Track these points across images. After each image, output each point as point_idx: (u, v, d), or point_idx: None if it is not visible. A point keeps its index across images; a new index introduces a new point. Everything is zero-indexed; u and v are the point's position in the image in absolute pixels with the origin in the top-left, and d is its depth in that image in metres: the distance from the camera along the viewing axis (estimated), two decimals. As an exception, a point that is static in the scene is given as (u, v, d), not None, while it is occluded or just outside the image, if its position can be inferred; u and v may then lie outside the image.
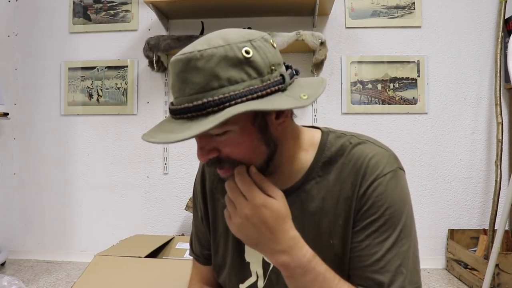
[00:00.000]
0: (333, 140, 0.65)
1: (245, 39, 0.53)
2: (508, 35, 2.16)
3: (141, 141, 2.38)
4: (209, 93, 0.51)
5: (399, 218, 0.58)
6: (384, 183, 0.59)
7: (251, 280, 0.69)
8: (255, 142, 0.56)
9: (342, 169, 0.62)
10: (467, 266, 1.99)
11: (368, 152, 0.62)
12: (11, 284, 1.61)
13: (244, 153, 0.56)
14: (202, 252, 0.79)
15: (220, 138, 0.55)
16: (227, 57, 0.51)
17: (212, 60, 0.51)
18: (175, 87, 0.54)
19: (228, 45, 0.51)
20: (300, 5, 2.14)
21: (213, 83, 0.51)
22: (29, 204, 2.44)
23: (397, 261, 0.57)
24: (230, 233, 0.71)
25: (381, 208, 0.58)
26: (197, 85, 0.51)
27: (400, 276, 0.57)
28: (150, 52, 2.16)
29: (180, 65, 0.52)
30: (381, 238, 0.57)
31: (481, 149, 2.26)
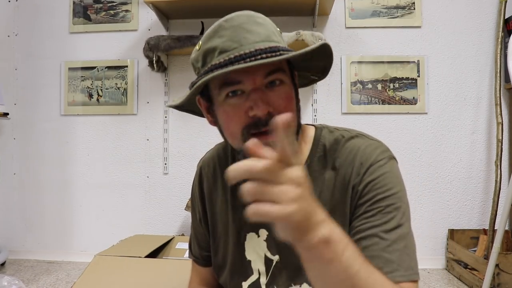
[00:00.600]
0: (327, 134, 0.67)
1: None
2: (508, 35, 2.16)
3: (141, 141, 2.39)
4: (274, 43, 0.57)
5: (400, 200, 0.58)
6: (381, 168, 0.60)
7: (253, 278, 0.69)
8: (295, 104, 0.61)
9: (336, 162, 0.63)
10: (467, 266, 1.99)
11: (361, 144, 0.63)
12: (11, 284, 1.61)
13: (293, 109, 0.59)
14: (201, 254, 0.80)
15: (275, 91, 0.57)
16: (273, 24, 0.62)
17: (267, 20, 0.61)
18: (234, 37, 0.56)
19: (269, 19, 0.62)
20: (300, 5, 2.14)
21: (274, 37, 0.59)
22: (29, 204, 2.44)
23: (403, 242, 0.56)
24: (229, 233, 0.72)
25: (381, 189, 0.58)
26: (262, 35, 0.57)
27: (406, 256, 0.56)
28: (150, 52, 2.16)
29: (243, 18, 0.58)
30: (384, 219, 0.56)
31: (481, 149, 2.26)
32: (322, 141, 0.66)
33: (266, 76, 0.57)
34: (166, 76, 2.37)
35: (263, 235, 0.68)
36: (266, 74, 0.56)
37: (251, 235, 0.69)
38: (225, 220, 0.72)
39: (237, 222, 0.70)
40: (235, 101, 0.57)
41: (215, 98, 0.60)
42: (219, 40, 0.57)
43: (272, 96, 0.57)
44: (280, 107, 0.57)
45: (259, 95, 0.56)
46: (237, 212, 0.71)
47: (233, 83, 0.57)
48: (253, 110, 0.55)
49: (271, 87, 0.57)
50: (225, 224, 0.73)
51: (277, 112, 0.56)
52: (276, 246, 0.67)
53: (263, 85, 0.57)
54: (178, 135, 2.37)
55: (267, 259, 0.68)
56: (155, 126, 2.38)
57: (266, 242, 0.68)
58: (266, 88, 0.57)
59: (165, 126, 2.37)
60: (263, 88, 0.57)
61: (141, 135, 2.39)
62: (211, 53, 0.58)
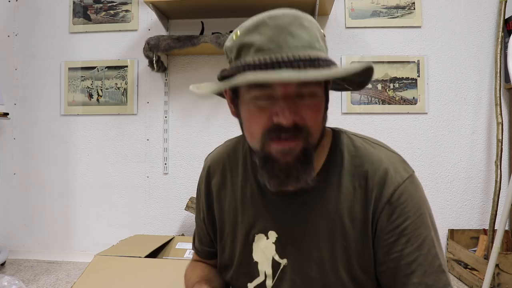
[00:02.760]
0: (345, 140, 0.65)
1: None
2: (508, 35, 2.16)
3: (141, 141, 2.39)
4: (315, 51, 0.54)
5: (428, 219, 0.60)
6: (407, 190, 0.60)
7: (259, 279, 0.68)
8: (323, 116, 0.60)
9: (355, 172, 0.62)
10: (467, 266, 1.99)
11: (382, 157, 0.62)
12: (11, 284, 1.61)
13: (318, 123, 0.58)
14: (202, 248, 0.82)
15: (305, 102, 0.55)
16: (319, 28, 0.58)
17: (313, 23, 0.57)
18: (274, 38, 0.53)
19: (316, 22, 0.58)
20: (300, 5, 2.12)
21: (317, 44, 0.55)
22: (29, 204, 2.44)
23: (437, 261, 0.58)
24: (237, 232, 0.71)
25: (410, 213, 0.59)
26: (305, 41, 0.53)
27: (443, 275, 0.58)
28: (150, 52, 2.16)
29: (289, 19, 0.54)
30: (418, 243, 0.58)
31: (481, 149, 2.26)
32: (340, 146, 0.64)
33: (299, 87, 0.54)
34: (166, 76, 2.37)
35: (272, 237, 0.67)
36: (300, 84, 0.54)
37: (259, 236, 0.68)
38: (233, 219, 0.71)
39: (246, 222, 0.69)
40: (262, 103, 0.56)
41: (242, 94, 0.58)
42: (258, 37, 0.54)
43: (301, 106, 0.55)
44: (307, 119, 0.56)
45: (288, 104, 0.54)
46: (246, 212, 0.69)
47: (263, 87, 0.55)
48: (279, 117, 0.54)
49: (301, 97, 0.55)
50: (233, 223, 0.71)
51: (302, 123, 0.55)
52: (285, 250, 0.65)
53: (294, 94, 0.55)
54: (178, 135, 2.37)
55: (274, 262, 0.66)
56: (155, 126, 2.38)
57: (275, 244, 0.66)
58: (297, 97, 0.55)
59: (165, 126, 2.37)
60: (293, 97, 0.55)
61: (141, 135, 2.39)
62: (247, 48, 0.55)
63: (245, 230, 0.69)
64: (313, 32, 0.55)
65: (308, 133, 0.56)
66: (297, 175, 0.56)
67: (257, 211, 0.68)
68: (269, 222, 0.67)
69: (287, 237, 0.65)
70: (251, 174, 0.70)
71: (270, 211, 0.67)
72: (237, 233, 0.70)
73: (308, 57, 0.52)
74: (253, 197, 0.68)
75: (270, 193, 0.66)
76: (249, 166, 0.70)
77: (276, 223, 0.66)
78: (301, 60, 0.51)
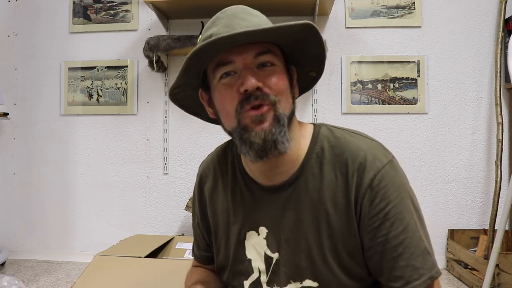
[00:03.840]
0: (325, 132, 0.67)
1: None
2: (508, 35, 2.16)
3: (141, 141, 2.39)
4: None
5: (410, 203, 0.61)
6: (387, 174, 0.61)
7: (254, 276, 0.70)
8: (288, 87, 0.62)
9: (335, 161, 0.63)
10: (467, 266, 1.99)
11: (361, 145, 0.63)
12: (11, 284, 1.61)
13: (283, 90, 0.60)
14: (200, 253, 0.83)
15: (266, 71, 0.60)
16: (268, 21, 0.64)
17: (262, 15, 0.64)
18: (227, 24, 0.59)
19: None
20: (300, 5, 2.14)
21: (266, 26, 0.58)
22: (29, 204, 2.44)
23: (422, 244, 0.59)
24: (230, 233, 0.72)
25: (391, 197, 0.60)
26: (255, 22, 0.60)
27: (429, 257, 0.59)
28: (150, 52, 2.16)
29: (238, 9, 0.62)
30: (403, 226, 0.59)
31: (481, 149, 2.26)
32: (321, 138, 0.66)
33: (256, 56, 0.59)
34: (166, 76, 2.37)
35: (263, 233, 0.69)
36: (256, 54, 0.59)
37: (251, 233, 0.70)
38: (226, 220, 0.73)
39: (238, 221, 0.71)
40: (228, 80, 0.60)
41: (211, 82, 0.63)
42: (215, 28, 0.61)
43: (263, 75, 0.59)
44: (270, 84, 0.59)
45: (249, 72, 0.58)
46: (237, 211, 0.71)
47: (225, 63, 0.60)
48: (243, 85, 0.57)
49: (262, 68, 0.60)
50: (226, 224, 0.73)
51: (267, 88, 0.59)
52: (276, 244, 0.67)
53: (254, 64, 0.59)
54: (178, 135, 2.37)
55: (267, 257, 0.68)
56: (155, 126, 2.38)
57: (266, 240, 0.68)
58: (258, 69, 0.60)
59: (165, 126, 2.37)
60: (254, 68, 0.59)
61: (141, 135, 2.39)
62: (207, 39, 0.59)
63: (237, 229, 0.71)
64: (263, 19, 0.63)
65: (275, 99, 0.59)
66: (273, 140, 0.58)
67: (247, 209, 0.70)
68: (258, 218, 0.69)
69: (276, 231, 0.67)
70: (239, 174, 0.72)
71: (259, 207, 0.69)
72: (230, 233, 0.72)
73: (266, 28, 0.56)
74: (243, 196, 0.71)
75: (257, 190, 0.69)
76: (237, 167, 0.73)
77: (266, 218, 0.68)
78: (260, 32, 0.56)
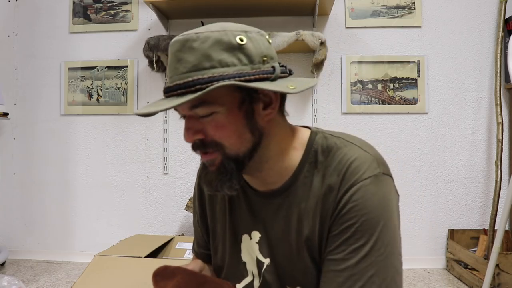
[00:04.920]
0: (320, 140, 0.65)
1: (241, 29, 0.57)
2: (508, 35, 2.16)
3: (141, 141, 2.39)
4: (200, 72, 0.54)
5: (376, 226, 0.56)
6: (363, 188, 0.57)
7: (247, 280, 0.70)
8: (240, 128, 0.58)
9: (325, 171, 0.62)
10: (467, 266, 1.99)
11: (351, 156, 0.60)
12: (11, 284, 1.61)
13: (228, 136, 0.58)
14: (200, 250, 0.84)
15: (206, 120, 0.57)
16: (221, 40, 0.54)
17: (207, 42, 0.54)
18: (170, 66, 0.57)
19: (224, 31, 0.55)
20: (300, 5, 2.14)
21: (205, 63, 0.54)
22: (29, 204, 2.44)
23: (371, 271, 0.54)
24: (227, 234, 0.72)
25: (358, 213, 0.56)
26: (190, 64, 0.54)
27: (372, 286, 0.54)
28: (150, 52, 2.16)
29: (177, 45, 0.56)
30: (356, 245, 0.55)
31: (481, 149, 2.26)
32: (315, 146, 0.64)
33: (191, 109, 0.57)
34: (166, 76, 2.37)
35: (256, 237, 0.68)
36: (191, 107, 0.57)
37: (245, 237, 0.70)
38: (223, 221, 0.73)
39: (234, 223, 0.71)
40: (184, 122, 0.61)
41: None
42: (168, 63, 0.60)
43: (204, 124, 0.58)
44: (211, 133, 0.58)
45: (189, 125, 0.59)
46: (233, 213, 0.71)
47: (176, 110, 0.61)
48: (184, 136, 0.60)
49: (202, 118, 0.58)
50: (223, 225, 0.73)
51: (208, 139, 0.58)
52: (268, 249, 0.67)
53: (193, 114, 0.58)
54: (178, 135, 2.37)
55: (258, 262, 0.68)
56: (155, 126, 2.38)
57: (259, 244, 0.68)
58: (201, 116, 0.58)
59: (165, 126, 2.37)
60: (196, 116, 0.58)
61: (141, 135, 2.39)
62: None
63: (233, 231, 0.71)
64: (202, 52, 0.54)
65: (219, 148, 0.58)
66: (219, 184, 0.60)
67: (243, 212, 0.70)
68: (252, 223, 0.69)
69: (268, 236, 0.67)
70: None
71: (253, 212, 0.69)
72: (227, 234, 0.72)
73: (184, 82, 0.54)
74: (239, 199, 0.71)
75: (252, 195, 0.69)
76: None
77: (259, 223, 0.68)
78: (181, 87, 0.54)
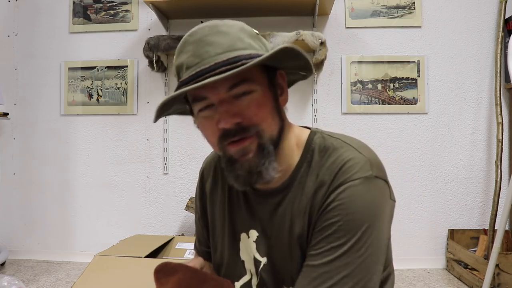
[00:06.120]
0: (318, 140, 0.65)
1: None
2: (508, 35, 2.16)
3: (141, 141, 2.39)
4: (237, 51, 0.55)
5: (359, 227, 0.55)
6: (352, 188, 0.57)
7: (246, 278, 0.70)
8: (272, 108, 0.59)
9: (319, 170, 0.62)
10: (467, 266, 1.99)
11: (346, 157, 0.60)
12: (11, 284, 1.61)
13: (265, 117, 0.58)
14: (201, 248, 0.85)
15: (243, 101, 0.56)
16: (244, 28, 0.59)
17: (234, 27, 0.58)
18: (197, 52, 0.56)
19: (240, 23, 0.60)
20: (300, 5, 2.14)
21: (239, 44, 0.56)
22: (29, 204, 2.44)
23: (345, 271, 0.54)
24: (226, 231, 0.73)
25: (342, 212, 0.56)
26: (225, 45, 0.55)
27: (343, 287, 0.54)
28: (150, 52, 2.16)
29: (205, 31, 0.57)
30: (335, 244, 0.55)
31: (481, 149, 2.26)
32: (312, 146, 0.64)
33: (230, 89, 0.56)
34: (166, 76, 2.37)
35: (253, 236, 0.69)
36: (230, 87, 0.56)
37: (243, 235, 0.70)
38: (223, 219, 0.74)
39: (233, 222, 0.72)
40: (206, 114, 0.58)
41: (193, 110, 0.62)
42: (185, 56, 0.58)
43: (240, 106, 0.56)
44: (250, 116, 0.56)
45: (225, 108, 0.56)
46: (233, 212, 0.72)
47: (200, 99, 0.58)
48: (220, 123, 0.56)
49: (239, 98, 0.56)
50: (222, 223, 0.74)
51: (247, 121, 0.57)
52: (265, 248, 0.67)
53: (230, 96, 0.56)
54: (178, 135, 2.37)
55: (256, 260, 0.68)
56: (155, 126, 2.38)
57: (256, 243, 0.68)
58: (235, 98, 0.56)
59: (165, 126, 2.37)
60: (230, 100, 0.56)
61: (141, 135, 2.39)
62: (180, 69, 0.59)
63: (232, 230, 0.72)
64: (233, 35, 0.57)
65: (258, 129, 0.57)
66: (259, 171, 0.58)
67: (241, 211, 0.71)
68: (250, 222, 0.69)
69: (265, 235, 0.67)
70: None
71: (251, 211, 0.69)
72: (226, 232, 0.73)
73: (228, 59, 0.54)
74: (238, 197, 0.71)
75: (251, 194, 0.69)
76: None
77: (257, 222, 0.69)
78: (222, 64, 0.53)
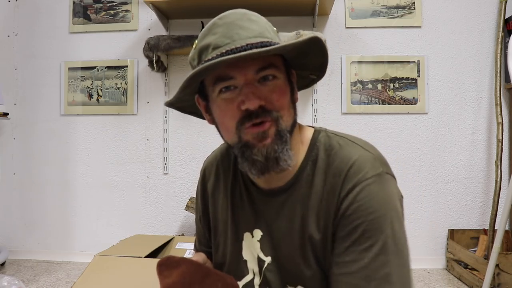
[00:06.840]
0: (323, 139, 0.65)
1: None
2: (508, 35, 2.16)
3: (141, 141, 2.39)
4: (267, 38, 0.58)
5: (384, 223, 0.55)
6: (367, 188, 0.57)
7: (248, 277, 0.69)
8: (289, 100, 0.61)
9: (327, 169, 0.62)
10: (467, 266, 1.99)
11: (353, 155, 0.60)
12: (11, 284, 1.61)
13: (286, 104, 0.59)
14: (202, 248, 0.84)
15: (268, 86, 0.58)
16: (268, 22, 0.62)
17: (262, 18, 0.61)
18: (228, 33, 0.57)
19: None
20: (300, 5, 2.14)
21: (267, 34, 0.59)
22: (29, 204, 2.44)
23: (385, 269, 0.53)
24: (228, 231, 0.72)
25: (364, 212, 0.56)
26: (256, 31, 0.57)
27: (387, 285, 0.53)
28: (150, 52, 2.16)
29: (237, 15, 0.58)
30: (366, 245, 0.55)
31: (481, 149, 2.26)
32: (318, 145, 0.65)
33: (258, 72, 0.57)
34: (166, 76, 2.37)
35: (257, 235, 0.68)
36: (258, 69, 0.57)
37: (247, 235, 0.70)
38: (225, 219, 0.73)
39: (236, 221, 0.71)
40: (228, 95, 0.58)
41: (210, 95, 0.61)
42: (213, 37, 0.58)
43: (264, 90, 0.57)
44: (273, 100, 0.57)
45: (251, 90, 0.56)
46: (236, 211, 0.71)
47: (225, 79, 0.57)
48: (245, 103, 0.56)
49: (263, 82, 0.58)
50: (225, 223, 0.73)
51: (269, 105, 0.57)
52: (269, 248, 0.67)
53: (255, 80, 0.57)
54: (178, 135, 2.37)
55: (259, 260, 0.68)
56: (155, 126, 2.38)
57: (260, 242, 0.68)
58: (259, 83, 0.58)
59: (165, 126, 2.37)
60: (255, 83, 0.57)
61: (141, 135, 2.39)
62: (205, 50, 0.58)
63: (235, 229, 0.71)
64: (262, 24, 0.59)
65: (277, 115, 0.58)
66: (275, 157, 0.57)
67: (245, 210, 0.70)
68: (254, 221, 0.69)
69: (270, 235, 0.67)
70: (240, 175, 0.72)
71: (256, 210, 0.69)
72: (228, 231, 0.73)
73: (260, 42, 0.56)
74: (242, 197, 0.71)
75: (255, 193, 0.69)
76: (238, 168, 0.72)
77: (261, 221, 0.68)
78: (253, 46, 0.55)
